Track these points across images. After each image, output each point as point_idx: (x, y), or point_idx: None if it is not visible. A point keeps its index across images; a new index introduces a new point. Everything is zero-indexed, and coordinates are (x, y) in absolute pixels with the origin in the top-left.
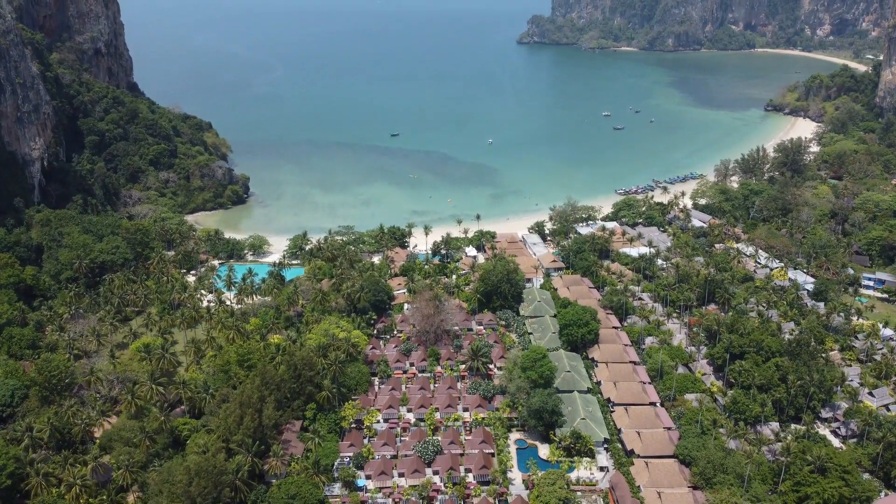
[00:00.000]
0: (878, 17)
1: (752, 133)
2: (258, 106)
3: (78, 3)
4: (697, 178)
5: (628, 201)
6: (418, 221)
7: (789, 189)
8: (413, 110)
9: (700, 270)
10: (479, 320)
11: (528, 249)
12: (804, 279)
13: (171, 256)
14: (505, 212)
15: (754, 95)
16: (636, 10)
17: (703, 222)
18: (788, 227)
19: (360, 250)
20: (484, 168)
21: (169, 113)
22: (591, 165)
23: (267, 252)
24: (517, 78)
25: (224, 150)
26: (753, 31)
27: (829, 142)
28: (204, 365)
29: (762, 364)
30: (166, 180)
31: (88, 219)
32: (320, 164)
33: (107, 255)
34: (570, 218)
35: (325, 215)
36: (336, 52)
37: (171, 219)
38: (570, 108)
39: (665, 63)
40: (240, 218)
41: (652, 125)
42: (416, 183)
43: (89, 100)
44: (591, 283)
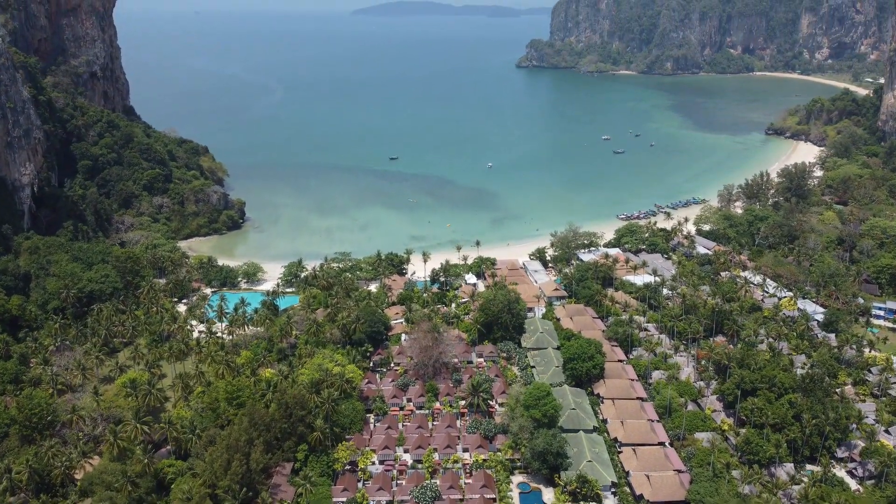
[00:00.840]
0: (876, 41)
1: (753, 157)
2: (257, 129)
3: (73, 27)
4: (700, 202)
5: (631, 227)
6: (417, 247)
7: (795, 215)
8: (412, 133)
9: (707, 300)
10: (479, 352)
11: (530, 277)
12: (813, 309)
13: (162, 285)
14: (505, 237)
15: (754, 119)
16: (634, 34)
17: (708, 249)
18: (795, 254)
19: (357, 277)
20: (483, 192)
21: (164, 137)
22: (591, 190)
23: (261, 279)
24: (516, 101)
25: (220, 175)
26: (752, 54)
27: (832, 166)
28: (192, 401)
29: (775, 401)
30: (160, 206)
31: (78, 246)
32: (318, 188)
33: (95, 285)
34: (572, 244)
35: (322, 240)
36: (336, 74)
37: (164, 245)
38: (569, 132)
39: (664, 86)
40: (235, 244)
41: (652, 149)
42: (415, 207)
43: (83, 124)
44: (594, 312)
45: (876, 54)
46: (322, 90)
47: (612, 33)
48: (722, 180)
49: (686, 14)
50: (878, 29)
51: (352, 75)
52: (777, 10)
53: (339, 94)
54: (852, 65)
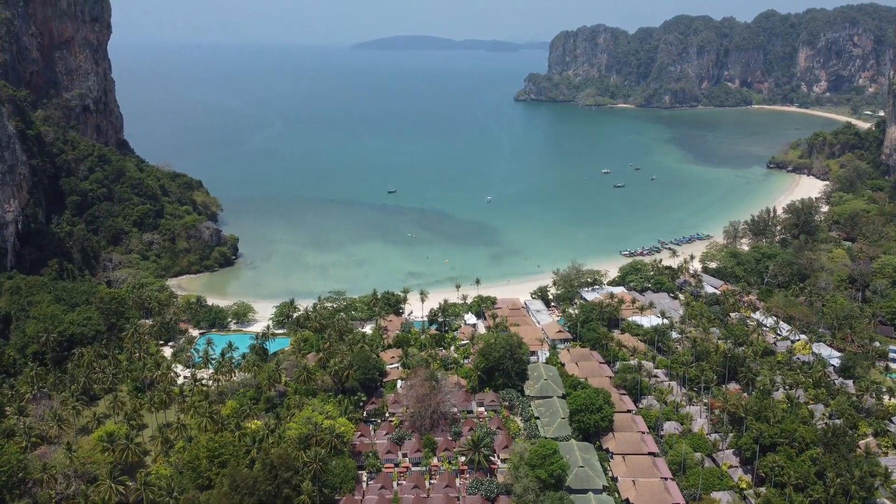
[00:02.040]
0: (874, 74)
1: (756, 191)
2: (254, 161)
3: (66, 60)
4: (704, 238)
5: (635, 265)
6: (414, 284)
7: (804, 253)
8: (411, 166)
9: (718, 345)
10: (479, 400)
11: (532, 317)
12: (829, 353)
13: (147, 327)
14: (505, 274)
15: (755, 152)
16: (632, 68)
17: (715, 287)
18: (807, 294)
19: (351, 317)
20: (483, 226)
21: (157, 171)
22: (593, 225)
23: (252, 320)
24: (515, 134)
25: (214, 209)
26: (750, 87)
27: (837, 201)
28: (173, 457)
29: (796, 458)
30: (150, 242)
31: (62, 286)
32: (314, 222)
33: (77, 328)
34: (575, 282)
35: (317, 277)
36: (335, 107)
37: (152, 284)
38: (568, 165)
39: (662, 120)
40: (226, 281)
41: (653, 183)
42: (413, 242)
43: (73, 158)
44: (600, 357)
45: (874, 87)
46: (321, 123)
47: (610, 67)
48: (725, 215)
49: (684, 48)
50: (876, 62)
51: (351, 108)
52: (774, 44)
53: (338, 127)
54: (851, 98)
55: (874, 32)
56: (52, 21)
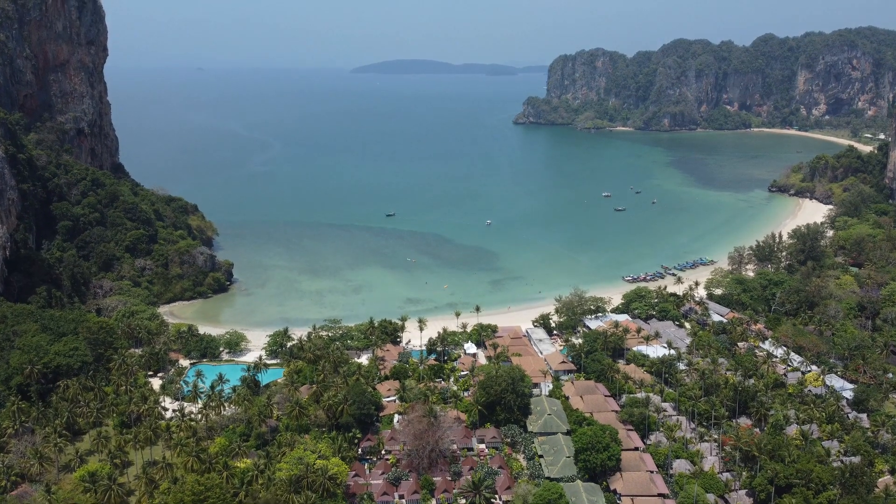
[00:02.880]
0: (873, 97)
1: (758, 215)
2: (252, 185)
3: (61, 83)
4: (707, 264)
5: (639, 292)
6: (412, 311)
7: (812, 280)
8: (410, 189)
9: (728, 377)
10: (480, 437)
11: (534, 346)
12: (841, 385)
13: (136, 357)
14: (506, 300)
15: (756, 176)
16: (631, 91)
17: (721, 315)
18: (816, 322)
19: (347, 346)
20: (482, 251)
21: (152, 195)
22: (594, 249)
23: (244, 349)
24: (514, 157)
25: (210, 234)
26: (749, 111)
27: (842, 226)
28: (157, 498)
29: (813, 500)
30: (143, 268)
31: (50, 314)
32: (311, 247)
33: (62, 358)
34: (578, 310)
35: (312, 304)
36: (336, 130)
37: (143, 312)
38: (568, 188)
39: (662, 143)
40: (220, 308)
41: (654, 207)
42: (411, 267)
43: (66, 182)
44: (606, 389)
45: (874, 110)
46: (320, 146)
47: (609, 90)
48: (729, 240)
49: (682, 71)
50: (875, 85)
51: (351, 131)
52: (773, 68)
53: (338, 149)
54: (850, 120)
55: (873, 55)
56: (47, 44)
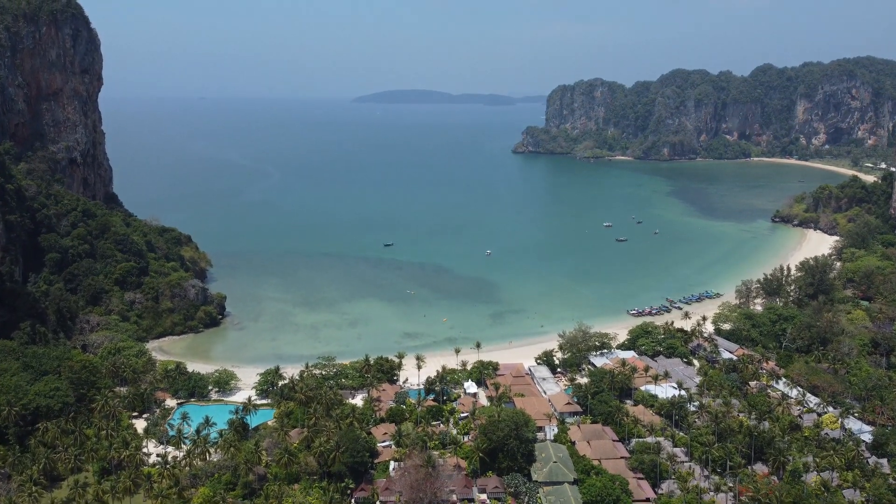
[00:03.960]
0: (873, 126)
1: (763, 246)
2: (249, 214)
3: (54, 111)
4: (713, 297)
5: (646, 327)
6: (410, 346)
7: (823, 315)
8: (408, 219)
9: (742, 420)
10: (481, 486)
11: (537, 386)
12: (858, 427)
13: (121, 398)
14: (506, 335)
15: (758, 206)
16: (630, 121)
17: (730, 351)
18: (830, 360)
19: (341, 385)
20: (482, 282)
21: (145, 226)
22: (596, 281)
23: (234, 388)
24: (514, 186)
25: (203, 265)
26: (748, 140)
27: (849, 257)
28: None
29: None
30: (132, 302)
31: (32, 351)
32: (306, 278)
33: (43, 399)
34: (583, 346)
35: (306, 339)
36: (335, 159)
37: (130, 349)
38: (569, 218)
39: (661, 172)
40: (211, 343)
41: (657, 237)
42: (409, 299)
43: (55, 213)
44: (614, 434)
45: (874, 139)
46: (319, 175)
47: (608, 120)
48: (734, 272)
49: (681, 101)
50: (875, 114)
51: (350, 160)
52: (772, 97)
53: (337, 178)
54: (851, 150)
55: (872, 85)
56: (40, 72)
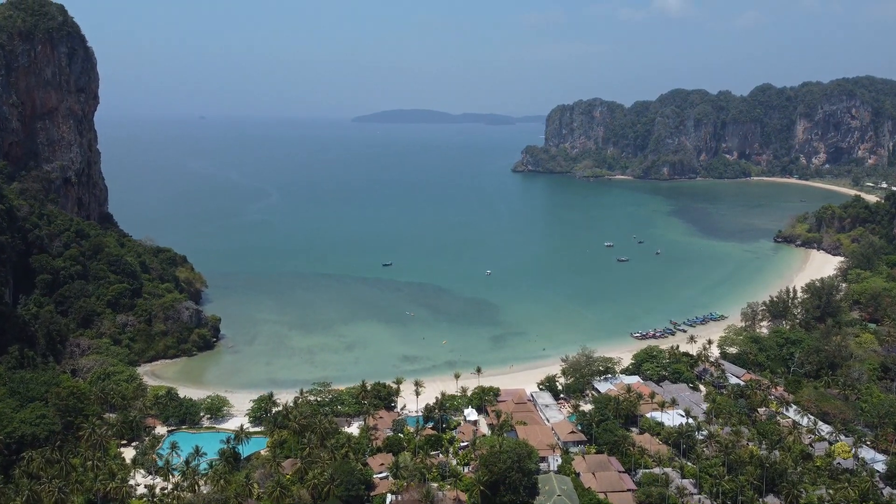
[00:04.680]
0: (873, 146)
1: (766, 267)
2: (246, 233)
3: (49, 130)
4: (718, 319)
5: (650, 351)
6: (409, 370)
7: (832, 339)
8: (407, 238)
9: (752, 450)
10: None
11: (540, 413)
12: (871, 456)
13: (109, 425)
14: (507, 358)
15: (760, 225)
16: (629, 141)
17: (737, 376)
18: (840, 386)
19: (336, 412)
20: (482, 303)
21: (139, 246)
22: (599, 302)
23: (227, 415)
24: (514, 205)
25: (199, 286)
26: (748, 159)
27: (855, 278)
28: None
29: None
30: (124, 324)
31: (20, 376)
32: (303, 299)
33: (28, 427)
34: (586, 371)
35: (302, 363)
36: (334, 178)
37: (120, 373)
38: (569, 237)
39: (661, 191)
40: (205, 367)
41: (658, 257)
42: (408, 321)
43: (47, 234)
44: (619, 464)
45: (874, 159)
46: (318, 194)
47: (607, 139)
48: (738, 293)
49: (681, 121)
50: (875, 134)
51: (349, 179)
52: (772, 117)
53: (336, 198)
54: (851, 169)
55: (872, 105)
56: (35, 91)
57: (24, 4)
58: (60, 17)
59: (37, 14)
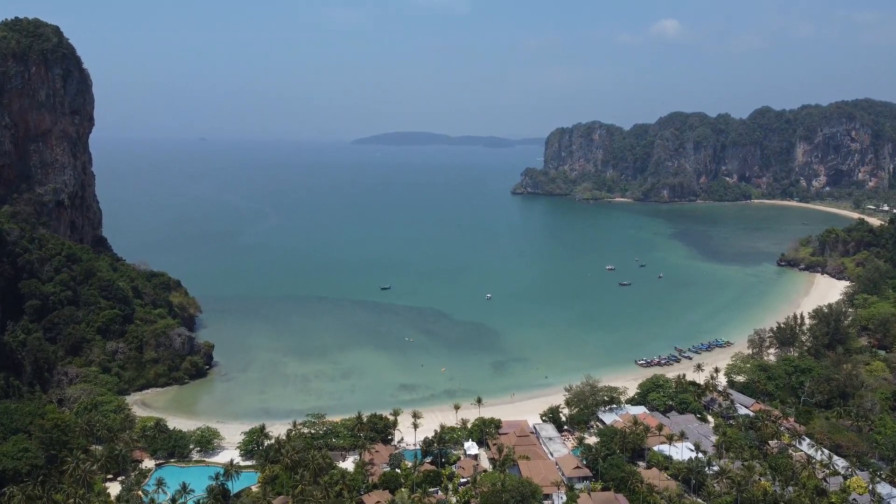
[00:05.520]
0: (874, 168)
1: (770, 291)
2: (244, 256)
3: (42, 153)
4: (724, 345)
5: (656, 381)
6: (406, 400)
7: (843, 368)
8: (406, 261)
9: (765, 486)
10: None
11: (543, 447)
12: (888, 491)
13: (94, 458)
14: (509, 386)
15: (762, 249)
16: (628, 163)
17: (746, 406)
18: (853, 417)
19: (331, 446)
20: (482, 329)
21: (132, 271)
22: (601, 328)
23: (218, 447)
24: (513, 227)
25: (192, 311)
26: (748, 182)
27: (862, 303)
28: None
29: None
30: (114, 352)
31: (4, 406)
32: (299, 325)
33: (10, 461)
34: (591, 401)
35: (297, 392)
36: (333, 201)
37: (108, 403)
38: (570, 260)
39: (661, 214)
40: (196, 396)
41: (661, 281)
42: (406, 347)
43: (37, 258)
44: (627, 502)
45: (874, 181)
46: (317, 216)
47: (606, 162)
48: (743, 318)
49: (680, 144)
50: (875, 156)
51: (348, 202)
52: (771, 140)
53: (333, 220)
54: (852, 192)
55: (871, 127)
56: (28, 112)
57: (18, 26)
58: (55, 38)
59: (31, 35)
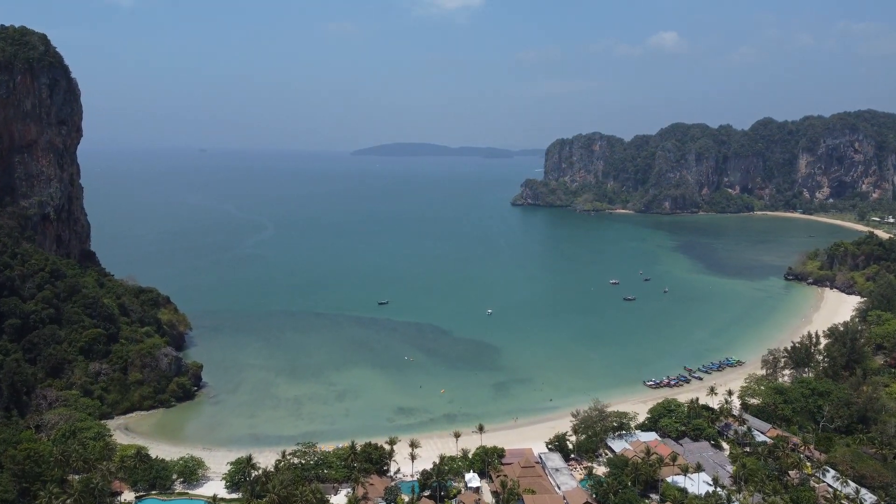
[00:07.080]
0: (877, 179)
1: (779, 306)
2: (239, 269)
3: (27, 164)
4: (735, 365)
5: (667, 405)
6: (404, 425)
7: (862, 391)
8: (405, 274)
9: None
10: None
11: (550, 479)
12: None
13: (69, 493)
14: (512, 410)
15: (768, 262)
16: (629, 174)
17: (762, 432)
18: (877, 445)
19: (323, 476)
20: (483, 346)
21: (120, 287)
22: (606, 345)
23: (202, 478)
24: (514, 239)
25: (182, 328)
26: (751, 193)
27: (875, 320)
28: None
29: None
30: (97, 373)
31: None
32: (293, 341)
33: None
34: (599, 427)
35: (288, 415)
36: (331, 212)
37: (89, 430)
38: (572, 273)
39: (663, 226)
40: (183, 420)
41: (666, 295)
42: (404, 367)
43: (20, 274)
44: None
45: (878, 192)
46: (314, 228)
47: (607, 173)
48: (752, 335)
49: (682, 155)
50: (879, 168)
51: (347, 213)
52: (773, 151)
53: (331, 232)
54: (856, 204)
55: (875, 138)
56: (13, 123)
57: (4, 34)
58: (42, 46)
59: (17, 44)
